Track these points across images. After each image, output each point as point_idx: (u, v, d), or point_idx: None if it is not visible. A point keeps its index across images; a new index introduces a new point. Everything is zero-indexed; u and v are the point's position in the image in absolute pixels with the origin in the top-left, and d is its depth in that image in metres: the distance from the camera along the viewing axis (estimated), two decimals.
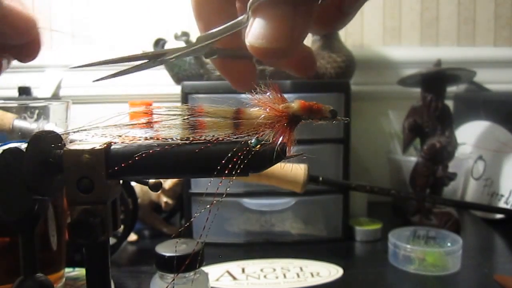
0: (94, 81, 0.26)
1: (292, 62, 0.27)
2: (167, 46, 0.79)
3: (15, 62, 0.31)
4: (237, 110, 0.24)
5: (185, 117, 0.24)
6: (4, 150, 0.25)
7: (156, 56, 0.25)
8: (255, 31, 0.20)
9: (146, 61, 0.25)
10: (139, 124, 0.24)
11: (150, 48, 0.78)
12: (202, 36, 0.25)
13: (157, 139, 0.24)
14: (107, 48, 0.92)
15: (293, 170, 0.55)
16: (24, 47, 0.27)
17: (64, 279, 0.46)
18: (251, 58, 0.27)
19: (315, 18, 0.21)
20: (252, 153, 0.22)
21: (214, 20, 0.26)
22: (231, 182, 0.23)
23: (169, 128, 0.24)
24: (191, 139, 0.24)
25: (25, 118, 0.40)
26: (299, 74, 0.27)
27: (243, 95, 0.24)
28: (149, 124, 0.25)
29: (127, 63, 0.25)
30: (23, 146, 0.24)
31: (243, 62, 0.27)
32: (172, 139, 0.24)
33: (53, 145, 0.25)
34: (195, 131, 0.24)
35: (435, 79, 0.76)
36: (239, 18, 0.23)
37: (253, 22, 0.21)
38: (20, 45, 0.27)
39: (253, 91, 0.24)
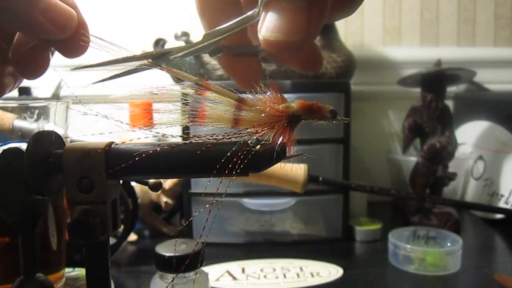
0: (94, 83, 0.25)
1: (300, 58, 0.26)
2: (167, 46, 0.79)
3: None
4: (240, 98, 0.24)
5: (186, 99, 0.24)
6: (4, 150, 0.25)
7: (159, 56, 0.25)
8: (270, 24, 0.20)
9: (148, 61, 0.25)
10: (139, 109, 0.24)
11: (150, 48, 0.78)
12: (209, 33, 0.24)
13: (157, 130, 0.24)
14: (107, 48, 0.92)
15: (293, 170, 0.55)
16: (68, 42, 0.26)
17: (64, 279, 0.46)
18: (257, 55, 0.26)
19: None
20: (252, 153, 0.22)
21: (219, 17, 0.25)
22: (231, 182, 0.23)
23: (169, 113, 0.24)
24: (191, 136, 0.24)
25: (25, 118, 0.40)
26: (306, 71, 0.27)
27: (243, 95, 0.24)
28: (149, 117, 0.24)
29: (129, 63, 0.25)
30: (23, 146, 0.24)
31: (248, 60, 0.26)
32: (172, 135, 0.24)
33: (53, 145, 0.25)
34: (195, 119, 0.24)
35: (435, 79, 0.76)
36: (249, 13, 0.23)
37: (266, 15, 0.20)
38: (64, 40, 0.26)
39: (254, 90, 0.24)
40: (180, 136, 0.25)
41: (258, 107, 0.23)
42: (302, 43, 0.20)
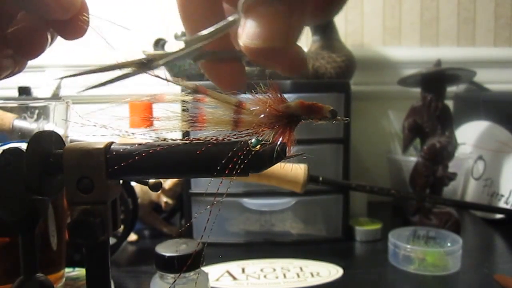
0: (79, 92, 0.25)
1: (283, 62, 0.26)
2: (167, 46, 0.79)
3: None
4: (238, 102, 0.24)
5: (185, 105, 0.24)
6: (4, 150, 0.25)
7: (143, 63, 0.24)
8: (250, 31, 0.20)
9: (133, 69, 0.24)
10: (139, 113, 0.24)
11: (150, 49, 0.78)
12: (191, 39, 0.24)
13: (157, 135, 0.24)
14: (106, 48, 0.92)
15: (293, 170, 0.55)
16: (69, 23, 0.26)
17: (64, 279, 0.46)
18: (240, 59, 0.26)
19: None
20: (252, 153, 0.22)
21: (201, 21, 0.25)
22: (231, 182, 0.23)
23: (168, 119, 0.24)
24: (191, 138, 0.24)
25: (25, 118, 0.40)
26: (290, 74, 0.27)
27: (243, 95, 0.24)
28: (149, 120, 0.24)
29: (115, 71, 0.24)
30: (23, 146, 0.24)
31: (231, 65, 0.26)
32: (172, 139, 0.24)
33: (53, 145, 0.25)
34: (195, 124, 0.24)
35: (435, 79, 0.76)
36: (230, 19, 0.22)
37: (246, 22, 0.20)
38: (65, 21, 0.26)
39: (248, 92, 0.24)
40: (180, 139, 0.25)
41: (257, 108, 0.23)
42: (283, 49, 0.20)
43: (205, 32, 0.23)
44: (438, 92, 0.76)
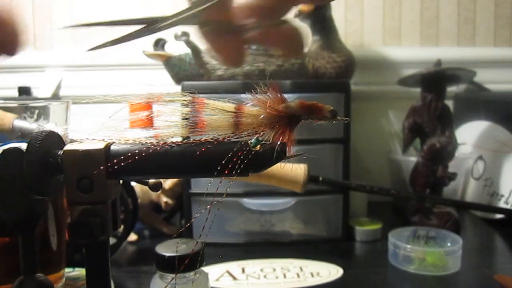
0: (88, 50, 0.26)
1: (278, 36, 0.27)
2: (167, 46, 0.79)
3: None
4: (237, 107, 0.24)
5: (185, 113, 0.24)
6: (4, 150, 0.25)
7: (151, 22, 0.25)
8: None
9: (142, 26, 0.25)
10: (139, 120, 0.24)
11: (150, 49, 0.78)
12: (194, 1, 0.24)
13: (156, 138, 0.24)
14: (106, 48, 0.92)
15: (293, 170, 0.55)
16: (4, 45, 0.27)
17: (64, 279, 0.46)
18: (241, 33, 0.27)
19: None
20: (252, 153, 0.22)
21: None
22: (231, 182, 0.23)
23: (169, 127, 0.24)
24: (191, 139, 0.24)
25: (25, 118, 0.40)
26: (288, 54, 0.28)
27: (243, 95, 0.24)
28: (149, 121, 0.25)
29: (122, 27, 0.25)
30: (23, 146, 0.24)
31: (232, 36, 0.27)
32: (172, 139, 0.24)
33: (53, 145, 0.25)
34: (195, 129, 0.24)
35: (435, 79, 0.76)
36: None
37: None
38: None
39: (253, 91, 0.24)
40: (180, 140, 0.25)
41: (257, 109, 0.23)
42: (273, 7, 0.21)
43: None
44: (438, 92, 0.75)
